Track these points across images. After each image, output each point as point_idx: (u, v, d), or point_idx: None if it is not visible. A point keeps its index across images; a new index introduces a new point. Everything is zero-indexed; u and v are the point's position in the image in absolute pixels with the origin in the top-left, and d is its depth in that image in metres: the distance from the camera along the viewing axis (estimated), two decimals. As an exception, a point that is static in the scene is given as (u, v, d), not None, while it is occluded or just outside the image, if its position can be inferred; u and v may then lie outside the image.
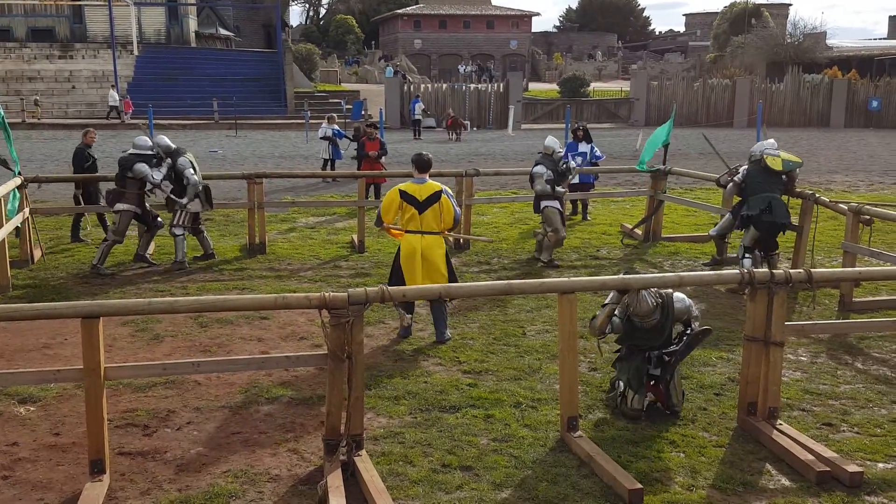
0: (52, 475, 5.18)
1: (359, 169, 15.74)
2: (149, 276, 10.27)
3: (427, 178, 7.71)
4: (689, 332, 6.23)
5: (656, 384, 6.15)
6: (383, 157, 16.00)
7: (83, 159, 12.27)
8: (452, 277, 7.76)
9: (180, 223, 10.72)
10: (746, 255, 9.74)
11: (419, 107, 35.37)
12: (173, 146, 10.84)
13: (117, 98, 37.90)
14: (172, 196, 10.70)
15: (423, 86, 42.16)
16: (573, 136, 14.83)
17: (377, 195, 15.27)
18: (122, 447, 5.55)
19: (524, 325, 8.38)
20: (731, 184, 9.99)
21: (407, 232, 7.66)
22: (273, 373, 6.84)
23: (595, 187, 15.07)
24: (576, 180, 13.97)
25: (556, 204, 10.84)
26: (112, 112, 37.65)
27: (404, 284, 7.34)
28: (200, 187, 10.85)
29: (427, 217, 7.56)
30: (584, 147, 14.31)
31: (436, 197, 7.56)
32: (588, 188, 14.56)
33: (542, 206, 10.85)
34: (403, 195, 7.62)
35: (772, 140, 10.37)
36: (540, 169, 10.74)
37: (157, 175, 10.54)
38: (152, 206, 11.19)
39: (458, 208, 7.79)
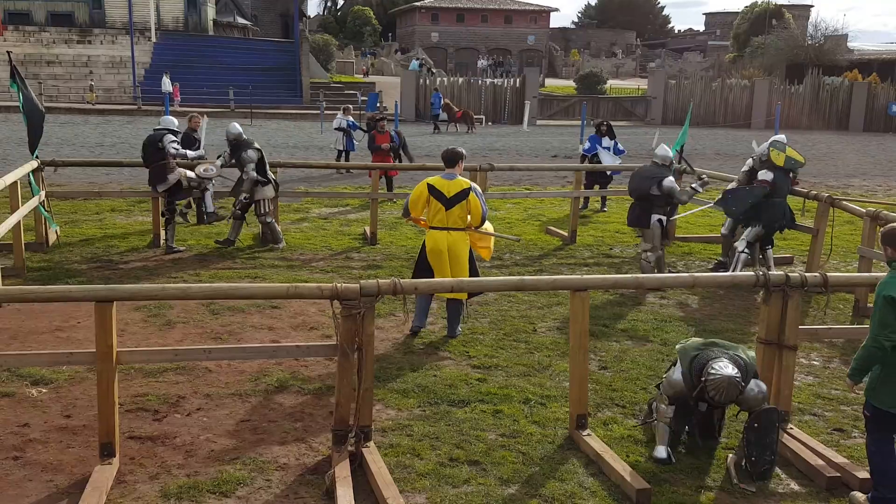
0: (63, 457, 5.22)
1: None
2: (162, 263, 10.30)
3: (457, 173, 7.55)
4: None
5: (701, 421, 5.66)
6: (400, 149, 15.95)
7: (191, 143, 12.34)
8: (474, 275, 7.67)
9: (264, 211, 11.08)
10: (745, 251, 9.80)
11: (436, 100, 35.34)
12: (243, 136, 11.02)
13: (170, 85, 38.04)
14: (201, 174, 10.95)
15: (438, 79, 42.07)
16: (597, 131, 15.02)
17: (389, 188, 15.27)
18: (132, 431, 5.58)
19: (535, 321, 8.36)
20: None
21: (432, 228, 7.54)
22: (283, 362, 6.86)
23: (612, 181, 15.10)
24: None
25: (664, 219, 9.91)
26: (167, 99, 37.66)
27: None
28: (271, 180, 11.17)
29: (454, 213, 7.42)
30: (607, 143, 14.69)
31: (464, 194, 7.39)
32: (608, 183, 14.72)
33: (654, 219, 9.65)
34: (431, 189, 7.45)
35: (782, 136, 10.43)
36: (672, 182, 9.58)
37: (175, 147, 10.84)
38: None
39: (486, 207, 7.61)
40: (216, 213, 11.40)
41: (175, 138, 10.85)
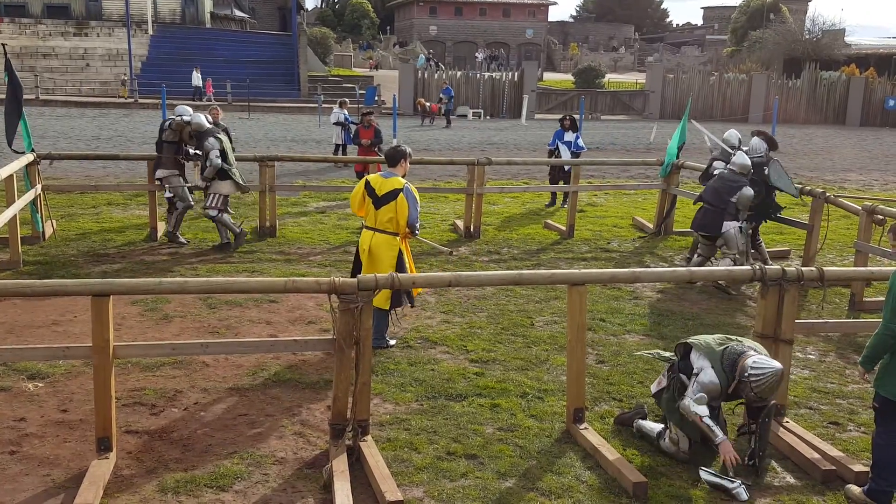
0: (59, 451, 5.22)
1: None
2: (159, 256, 10.29)
3: (397, 172, 7.09)
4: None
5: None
6: (377, 146, 15.76)
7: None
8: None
9: (213, 205, 10.68)
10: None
11: (443, 95, 35.29)
12: (205, 126, 10.79)
13: (200, 78, 37.97)
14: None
15: (436, 73, 42.00)
16: (561, 124, 14.80)
17: None
18: (130, 426, 5.58)
19: (532, 315, 8.37)
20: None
21: (364, 227, 7.17)
22: (281, 356, 6.86)
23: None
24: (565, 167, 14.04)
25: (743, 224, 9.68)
26: (196, 93, 37.65)
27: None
28: (233, 171, 10.82)
29: (381, 213, 6.97)
30: (569, 136, 14.46)
31: (394, 194, 6.94)
32: (569, 176, 14.30)
33: (730, 226, 9.41)
34: (367, 186, 7.05)
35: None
36: (750, 192, 9.41)
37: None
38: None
39: (415, 212, 7.01)
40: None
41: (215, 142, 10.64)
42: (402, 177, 7.13)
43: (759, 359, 5.04)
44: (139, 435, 5.47)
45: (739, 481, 4.99)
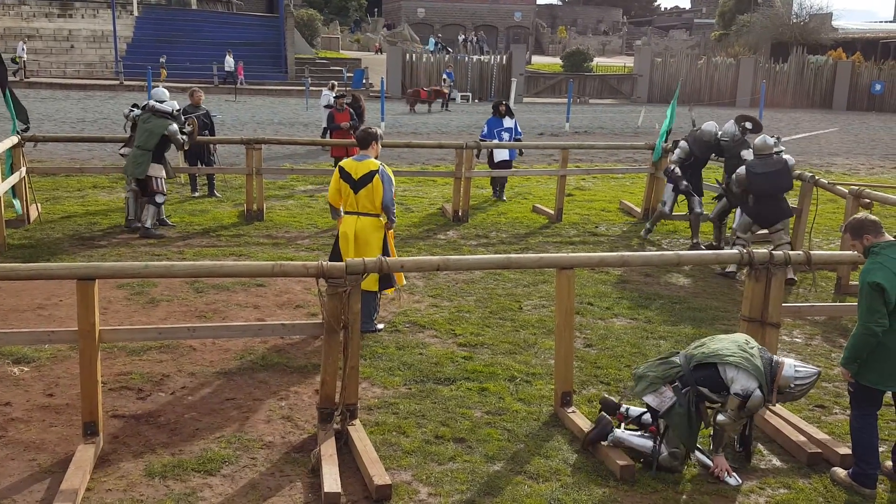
0: (45, 436, 5.19)
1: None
2: (145, 240, 10.21)
3: (370, 155, 7.06)
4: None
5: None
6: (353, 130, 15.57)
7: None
8: None
9: (158, 189, 10.40)
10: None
11: (445, 78, 35.13)
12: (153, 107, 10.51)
13: (232, 63, 37.65)
14: None
15: (424, 56, 41.80)
16: (495, 111, 14.04)
17: None
18: (116, 410, 5.55)
19: (521, 299, 8.37)
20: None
21: (345, 213, 7.11)
22: (268, 340, 6.84)
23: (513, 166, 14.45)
24: (505, 156, 13.64)
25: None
26: (228, 78, 37.35)
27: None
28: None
29: (361, 197, 6.95)
30: (508, 122, 13.84)
31: (370, 177, 6.92)
32: (510, 166, 14.11)
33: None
34: (342, 172, 7.03)
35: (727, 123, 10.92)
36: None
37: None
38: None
39: (390, 193, 7.01)
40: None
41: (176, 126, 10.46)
42: (375, 158, 7.09)
43: (798, 366, 5.02)
44: (126, 419, 5.45)
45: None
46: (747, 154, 9.83)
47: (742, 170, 9.32)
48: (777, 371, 4.96)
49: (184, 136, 10.67)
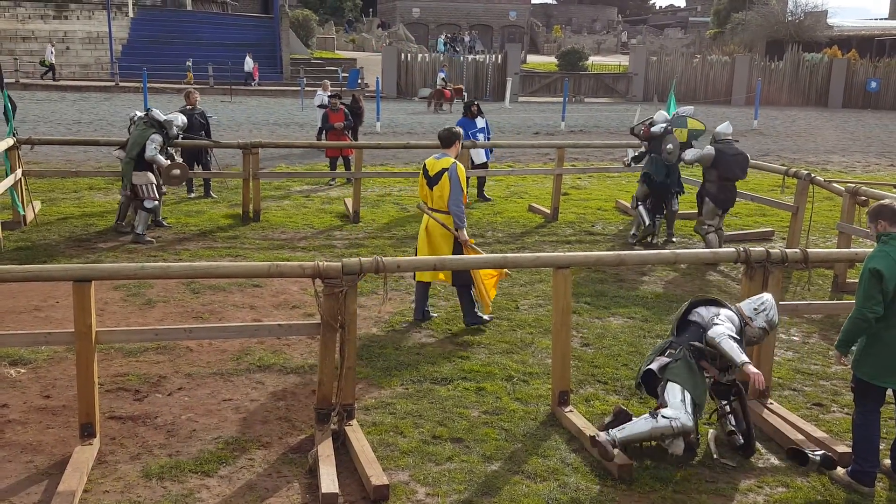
0: (42, 438, 5.18)
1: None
2: (140, 245, 10.18)
3: (450, 153, 7.36)
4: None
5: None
6: (349, 129, 15.47)
7: (192, 121, 12.15)
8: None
9: (147, 195, 10.24)
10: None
11: (440, 77, 35.08)
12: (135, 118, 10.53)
13: (252, 64, 37.74)
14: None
15: (419, 56, 41.77)
16: (467, 112, 13.79)
17: (347, 167, 14.78)
18: (113, 411, 5.54)
19: (517, 298, 8.37)
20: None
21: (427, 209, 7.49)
22: (265, 341, 6.83)
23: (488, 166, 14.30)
24: (483, 158, 13.54)
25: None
26: (248, 78, 37.59)
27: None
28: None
29: (435, 194, 7.30)
30: (481, 123, 13.69)
31: (442, 174, 7.23)
32: (486, 167, 14.00)
33: None
34: (423, 169, 7.42)
35: (689, 108, 11.32)
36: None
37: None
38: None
39: (456, 193, 7.16)
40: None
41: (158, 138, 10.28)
42: (455, 157, 7.39)
43: (750, 301, 5.32)
44: (123, 421, 5.44)
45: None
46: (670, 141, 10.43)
47: (710, 150, 9.89)
48: (740, 311, 5.24)
49: (163, 150, 10.35)
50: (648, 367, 5.18)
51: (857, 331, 4.79)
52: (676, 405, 4.93)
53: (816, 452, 5.06)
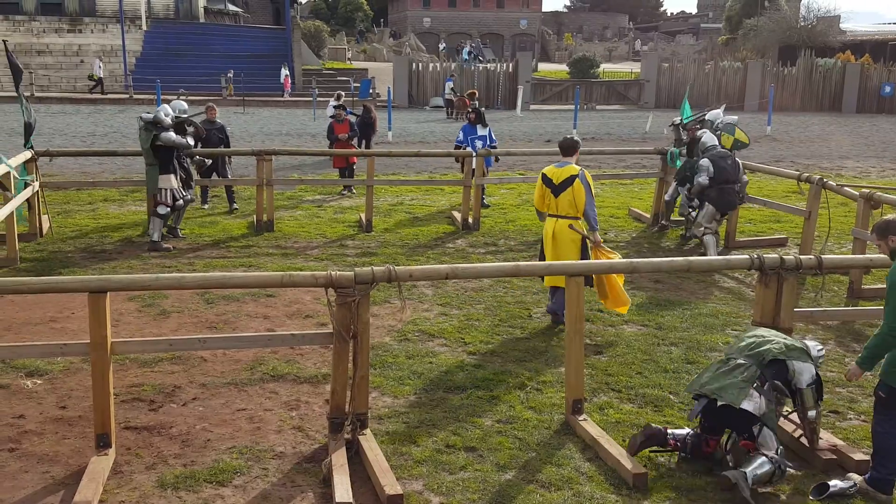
0: (59, 448, 5.21)
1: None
2: (156, 253, 10.24)
3: (570, 161, 7.61)
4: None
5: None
6: (354, 139, 15.40)
7: (209, 134, 12.41)
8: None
9: (162, 200, 10.36)
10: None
11: (448, 86, 35.16)
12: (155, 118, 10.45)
13: (286, 74, 38.35)
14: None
15: (430, 65, 41.87)
16: (467, 119, 13.79)
17: (350, 176, 14.73)
18: (128, 422, 5.57)
19: (530, 307, 8.36)
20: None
21: (548, 216, 7.68)
22: (278, 350, 6.85)
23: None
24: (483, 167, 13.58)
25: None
26: (282, 90, 38.19)
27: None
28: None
29: (561, 201, 7.50)
30: (482, 131, 13.62)
31: (570, 181, 7.45)
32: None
33: None
34: (544, 178, 7.62)
35: (734, 116, 11.48)
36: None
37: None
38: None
39: (591, 198, 7.52)
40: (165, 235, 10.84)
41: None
42: (576, 164, 7.66)
43: (810, 342, 5.38)
44: (138, 431, 5.46)
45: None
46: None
47: (705, 161, 10.20)
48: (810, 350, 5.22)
49: (183, 138, 10.42)
50: (745, 403, 4.87)
51: (886, 347, 4.72)
52: (775, 449, 4.92)
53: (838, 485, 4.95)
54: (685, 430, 5.27)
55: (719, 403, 4.96)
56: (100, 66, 37.70)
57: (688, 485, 4.94)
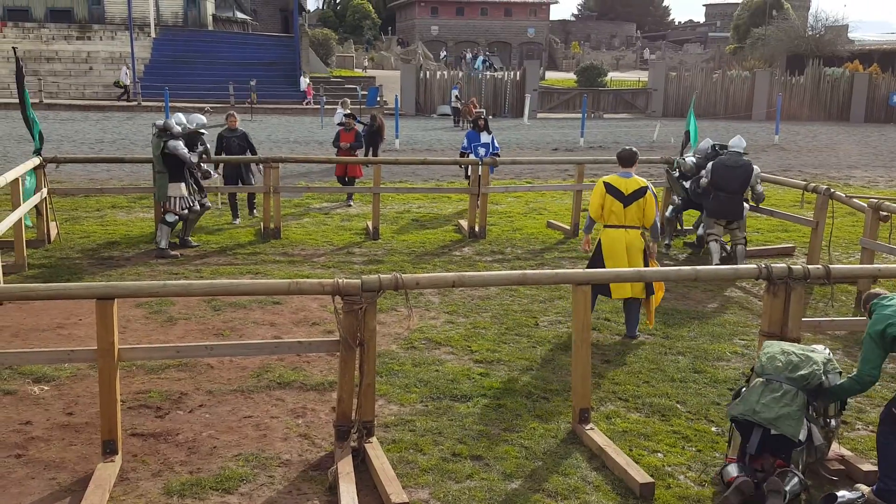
0: (65, 454, 5.22)
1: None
2: (163, 259, 10.27)
3: (633, 172, 7.68)
4: None
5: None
6: (358, 151, 15.35)
7: (231, 143, 12.62)
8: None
9: (170, 208, 10.41)
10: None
11: (454, 94, 35.24)
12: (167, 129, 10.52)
13: (306, 83, 38.77)
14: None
15: (438, 73, 41.97)
16: (474, 126, 13.94)
17: (352, 185, 14.69)
18: (135, 428, 5.57)
19: (537, 315, 8.35)
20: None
21: (607, 226, 7.63)
22: (285, 358, 6.85)
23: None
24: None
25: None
26: (304, 98, 38.50)
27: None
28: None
29: (631, 211, 7.54)
30: (486, 138, 13.78)
31: (641, 192, 7.53)
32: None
33: (747, 208, 10.55)
34: (608, 187, 7.60)
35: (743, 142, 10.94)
36: (756, 169, 10.52)
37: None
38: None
39: (657, 210, 7.69)
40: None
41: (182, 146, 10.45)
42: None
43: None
44: (144, 437, 5.47)
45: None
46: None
47: (710, 165, 10.33)
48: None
49: (188, 153, 10.43)
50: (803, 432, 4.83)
51: (852, 393, 5.05)
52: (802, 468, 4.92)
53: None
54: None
55: (773, 432, 4.85)
56: (126, 73, 37.88)
57: (695, 494, 4.92)
